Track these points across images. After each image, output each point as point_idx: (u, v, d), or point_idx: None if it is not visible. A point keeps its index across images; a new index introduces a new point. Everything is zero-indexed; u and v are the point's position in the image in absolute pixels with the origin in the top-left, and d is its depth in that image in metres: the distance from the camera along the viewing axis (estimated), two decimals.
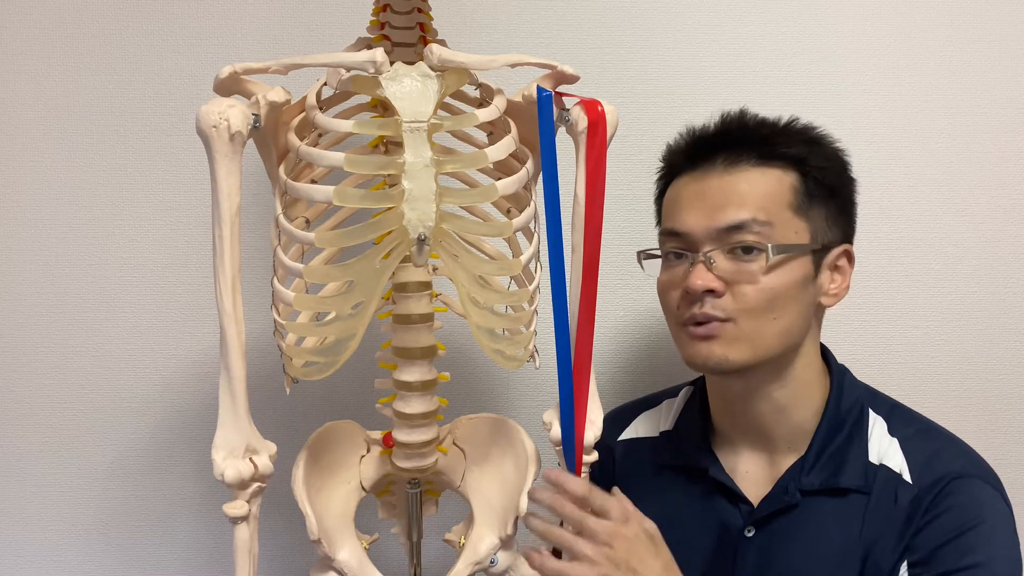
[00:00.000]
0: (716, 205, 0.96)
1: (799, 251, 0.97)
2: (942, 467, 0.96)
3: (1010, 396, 1.33)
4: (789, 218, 0.97)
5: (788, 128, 1.02)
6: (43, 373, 1.36)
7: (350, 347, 0.91)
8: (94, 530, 1.39)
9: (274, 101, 0.89)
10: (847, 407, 1.02)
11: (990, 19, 1.28)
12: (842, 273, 1.01)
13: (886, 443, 0.99)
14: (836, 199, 1.00)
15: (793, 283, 0.96)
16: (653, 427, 1.15)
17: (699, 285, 0.95)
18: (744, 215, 0.95)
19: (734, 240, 0.95)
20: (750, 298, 0.95)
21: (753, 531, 1.00)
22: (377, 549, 1.07)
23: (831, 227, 1.00)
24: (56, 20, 1.31)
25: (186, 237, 1.33)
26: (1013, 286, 1.31)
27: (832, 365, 1.05)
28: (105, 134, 1.32)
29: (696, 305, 0.97)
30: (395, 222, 0.86)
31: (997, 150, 1.29)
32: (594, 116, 0.92)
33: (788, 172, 0.98)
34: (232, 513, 0.90)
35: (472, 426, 1.07)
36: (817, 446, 1.00)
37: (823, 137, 1.03)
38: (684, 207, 0.99)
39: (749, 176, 0.97)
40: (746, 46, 1.29)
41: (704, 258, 0.96)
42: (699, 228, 0.97)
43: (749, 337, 0.96)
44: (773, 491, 1.01)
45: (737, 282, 0.95)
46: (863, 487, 0.97)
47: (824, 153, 1.01)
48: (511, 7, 1.29)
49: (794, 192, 0.97)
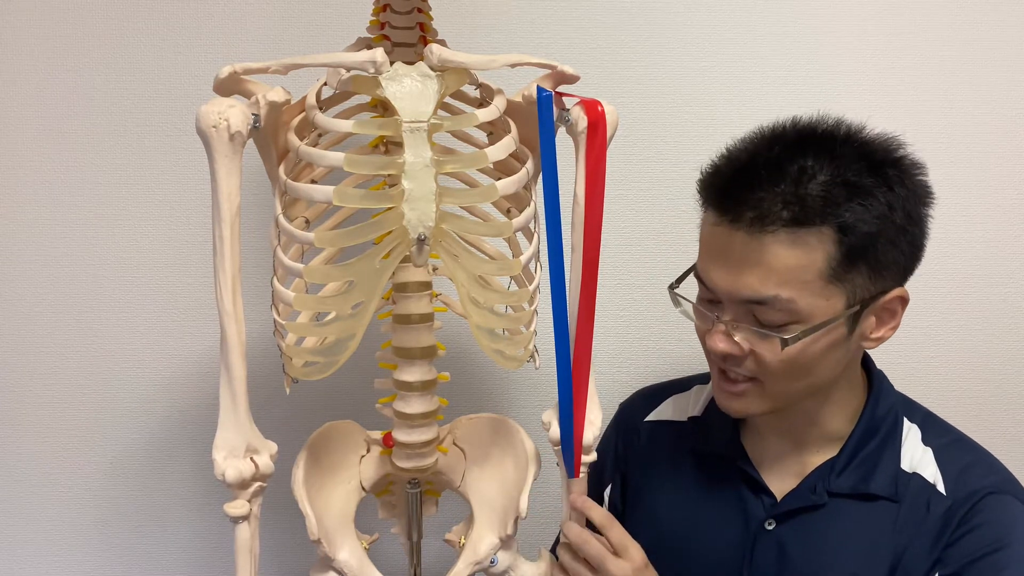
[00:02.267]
0: (738, 270, 0.89)
1: (827, 324, 0.89)
2: (976, 481, 0.94)
3: (1010, 396, 1.33)
4: (820, 288, 0.87)
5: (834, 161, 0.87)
6: (43, 373, 1.36)
7: (350, 347, 0.91)
8: (94, 530, 1.39)
9: (274, 101, 0.89)
10: (882, 414, 1.00)
11: (990, 19, 1.27)
12: (892, 316, 0.93)
13: (920, 452, 0.98)
14: (893, 247, 0.88)
15: (820, 350, 0.90)
16: (682, 412, 1.14)
17: (719, 350, 0.92)
18: (766, 292, 0.87)
19: (755, 313, 0.90)
20: (771, 367, 0.91)
21: (774, 524, 1.00)
22: (377, 549, 1.07)
23: (879, 279, 0.89)
24: (56, 20, 1.30)
25: (186, 237, 1.33)
26: (1013, 286, 1.31)
27: (872, 371, 1.03)
28: (105, 134, 1.32)
29: (722, 361, 0.95)
30: (395, 222, 0.86)
31: (997, 150, 1.29)
32: (594, 116, 0.92)
33: (824, 241, 0.86)
34: (233, 513, 0.90)
35: (472, 426, 1.07)
36: (850, 449, 0.99)
37: (884, 165, 0.88)
38: (711, 257, 0.92)
39: (776, 247, 0.86)
40: (746, 46, 1.29)
41: (725, 326, 0.92)
42: (722, 289, 0.91)
43: (774, 395, 0.95)
44: (799, 488, 1.00)
45: (758, 352, 0.91)
46: (893, 495, 0.96)
47: (879, 203, 0.86)
48: (511, 7, 1.29)
49: (828, 261, 0.86)
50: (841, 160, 0.88)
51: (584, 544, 0.97)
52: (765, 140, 0.92)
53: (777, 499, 1.01)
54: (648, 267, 1.32)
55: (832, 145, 0.89)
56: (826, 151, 0.88)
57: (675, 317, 1.04)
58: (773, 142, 0.91)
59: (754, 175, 0.88)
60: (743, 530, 1.02)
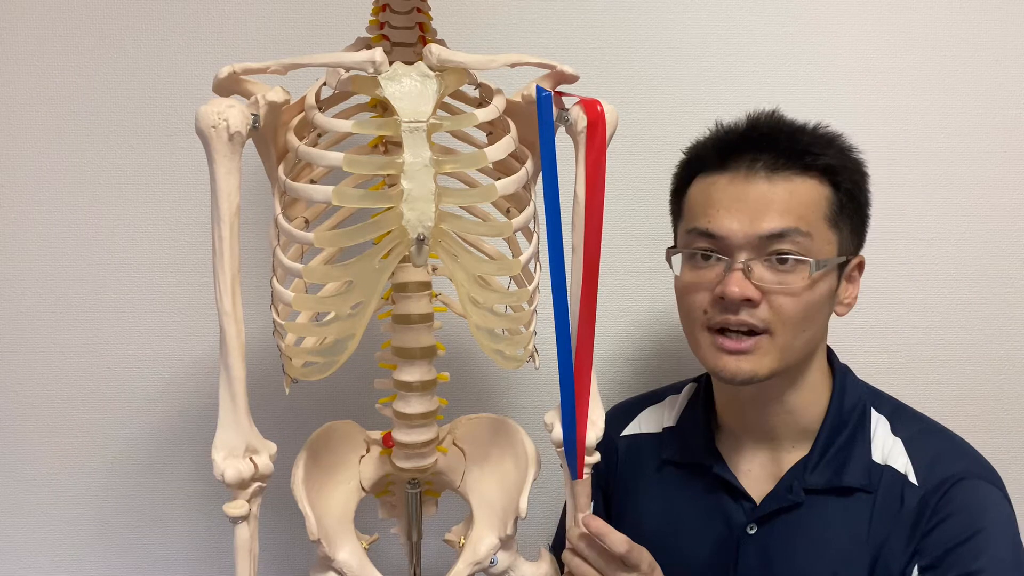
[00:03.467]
0: (758, 211, 0.95)
1: (832, 265, 0.97)
2: (947, 468, 0.96)
3: (1010, 396, 1.33)
4: (825, 230, 0.97)
5: (823, 136, 1.01)
6: (43, 373, 1.36)
7: (349, 347, 0.91)
8: (94, 530, 1.39)
9: (273, 101, 0.89)
10: (849, 407, 1.02)
11: (990, 19, 1.27)
12: (854, 283, 1.02)
13: (890, 443, 1.00)
14: (860, 211, 1.01)
15: (825, 296, 0.97)
16: (656, 423, 1.15)
17: (737, 293, 0.93)
18: (787, 223, 0.94)
19: (774, 249, 0.94)
20: (788, 310, 0.94)
21: (755, 528, 1.01)
22: (377, 549, 1.07)
23: (853, 238, 1.01)
24: (56, 20, 1.30)
25: (186, 237, 1.33)
26: (1013, 286, 1.31)
27: (835, 365, 1.06)
28: (105, 134, 1.32)
29: (730, 312, 0.95)
30: (394, 222, 0.86)
31: (997, 150, 1.29)
32: (593, 116, 0.92)
33: (824, 183, 0.97)
34: (232, 513, 0.90)
35: (472, 426, 1.07)
36: (821, 445, 1.01)
37: (851, 148, 1.02)
38: (721, 209, 0.97)
39: (792, 184, 0.96)
40: (746, 46, 1.29)
41: (743, 265, 0.94)
42: (738, 233, 0.95)
43: (780, 349, 0.96)
44: (776, 489, 1.01)
45: (775, 293, 0.94)
46: (867, 486, 0.98)
47: (853, 164, 1.01)
48: (511, 7, 1.29)
49: (829, 204, 0.97)
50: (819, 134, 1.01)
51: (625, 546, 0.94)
52: (754, 117, 1.03)
53: (756, 503, 1.02)
54: (648, 267, 1.31)
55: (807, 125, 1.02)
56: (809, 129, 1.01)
57: (675, 317, 1.04)
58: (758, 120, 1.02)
59: (765, 136, 0.99)
60: (726, 536, 1.03)
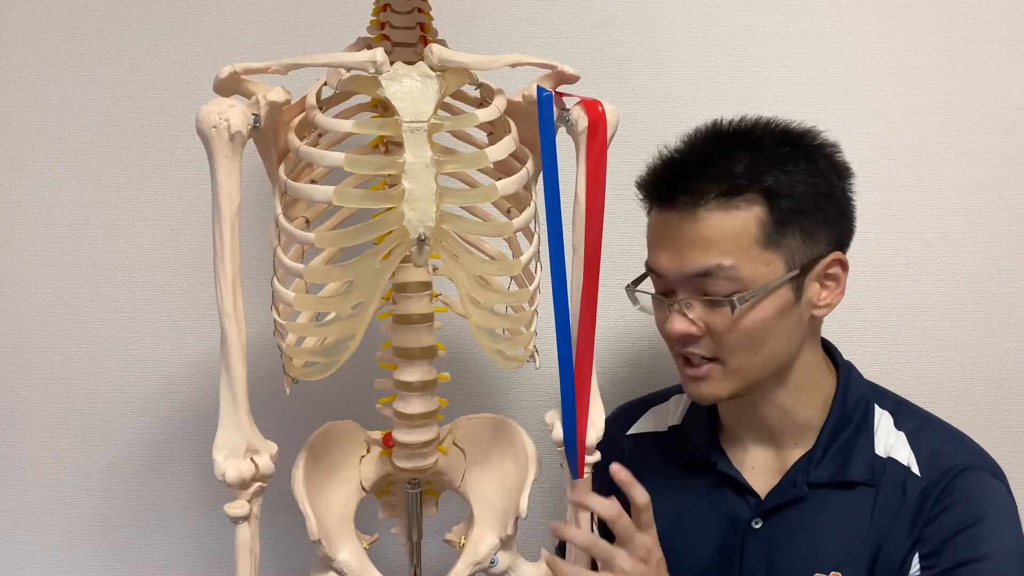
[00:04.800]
0: (681, 248, 0.96)
1: (774, 286, 0.94)
2: (949, 459, 0.97)
3: (1010, 396, 1.33)
4: (758, 254, 0.94)
5: (760, 151, 0.96)
6: (43, 373, 1.36)
7: (350, 347, 0.91)
8: (94, 530, 1.39)
9: (274, 101, 0.89)
10: (853, 403, 1.03)
11: (990, 19, 1.27)
12: (835, 280, 0.99)
13: (893, 437, 1.01)
14: (820, 212, 0.96)
15: (770, 316, 0.95)
16: (661, 422, 1.16)
17: (676, 331, 0.97)
18: (708, 262, 0.94)
19: (703, 286, 0.95)
20: (729, 342, 0.96)
21: (760, 523, 1.01)
22: (377, 549, 1.07)
23: (812, 243, 0.96)
24: (56, 20, 1.30)
25: (186, 237, 1.33)
26: (1013, 286, 1.31)
27: (839, 362, 1.06)
28: (105, 134, 1.32)
29: (678, 346, 0.99)
30: (395, 222, 0.86)
31: (997, 150, 1.29)
32: (594, 116, 0.92)
33: (753, 206, 0.94)
34: (233, 513, 0.90)
35: (472, 426, 1.07)
36: (824, 440, 1.01)
37: (802, 143, 0.98)
38: (658, 248, 0.99)
39: (710, 218, 0.94)
40: (746, 46, 1.29)
41: (678, 305, 0.97)
42: (670, 271, 0.97)
43: (736, 372, 0.98)
44: (781, 484, 1.02)
45: (713, 327, 0.96)
46: (870, 480, 0.98)
47: (799, 170, 0.95)
48: (511, 7, 1.29)
49: (761, 226, 0.94)
50: (763, 142, 0.97)
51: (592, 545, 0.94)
52: (699, 138, 1.00)
53: (761, 497, 1.02)
54: None
55: (754, 132, 0.98)
56: (751, 139, 0.98)
57: None
58: (706, 139, 1.00)
59: (687, 166, 0.98)
60: (732, 532, 1.03)
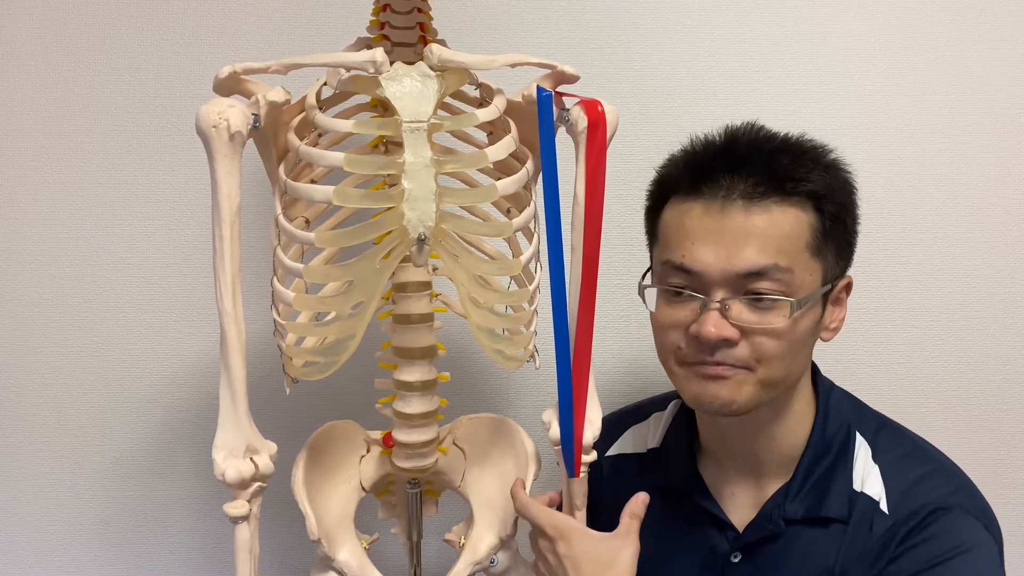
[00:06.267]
0: (735, 246, 0.89)
1: (816, 297, 0.92)
2: (921, 497, 0.93)
3: (1010, 396, 1.33)
4: (806, 260, 0.91)
5: (807, 154, 0.94)
6: (43, 373, 1.36)
7: (350, 347, 0.91)
8: (94, 530, 1.39)
9: (274, 101, 0.89)
10: (833, 431, 0.99)
11: (990, 19, 1.27)
12: (840, 306, 0.97)
13: (868, 469, 0.96)
14: (846, 232, 0.95)
15: (808, 330, 0.93)
16: (641, 443, 1.13)
17: (714, 334, 0.89)
18: (767, 260, 0.88)
19: (752, 287, 0.89)
20: (770, 350, 0.90)
21: (739, 556, 0.99)
22: (377, 549, 1.07)
23: (841, 260, 0.95)
24: (56, 20, 1.30)
25: (186, 237, 1.33)
26: (1013, 286, 1.31)
27: (818, 384, 1.02)
28: (105, 134, 1.32)
29: (706, 352, 0.91)
30: (395, 222, 0.86)
31: (997, 150, 1.29)
32: (594, 116, 0.92)
33: (807, 210, 0.91)
34: (233, 513, 0.90)
35: (472, 426, 1.07)
36: (802, 473, 0.97)
37: (837, 162, 0.96)
38: (696, 242, 0.91)
39: (771, 214, 0.89)
40: (746, 46, 1.29)
41: (719, 304, 0.90)
42: (714, 269, 0.90)
43: (763, 382, 0.92)
44: (758, 518, 0.98)
45: (755, 333, 0.90)
46: (845, 517, 0.95)
47: (840, 183, 0.94)
48: (511, 7, 1.29)
49: (812, 231, 0.91)
50: (805, 147, 0.95)
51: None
52: (731, 132, 0.97)
53: (739, 531, 0.99)
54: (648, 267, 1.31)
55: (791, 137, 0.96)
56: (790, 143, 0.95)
57: None
58: (750, 131, 0.97)
59: (733, 159, 0.93)
60: (712, 564, 1.00)
